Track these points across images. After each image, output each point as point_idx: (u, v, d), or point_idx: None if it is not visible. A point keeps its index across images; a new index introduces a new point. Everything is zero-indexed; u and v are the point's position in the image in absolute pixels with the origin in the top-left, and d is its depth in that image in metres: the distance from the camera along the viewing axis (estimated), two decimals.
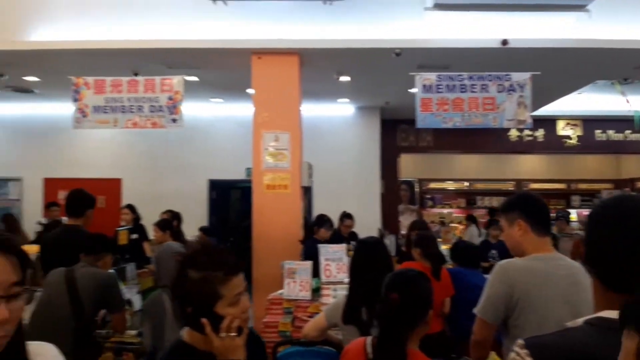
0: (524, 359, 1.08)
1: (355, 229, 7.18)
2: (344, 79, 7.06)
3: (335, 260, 4.49)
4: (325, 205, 7.98)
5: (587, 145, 10.13)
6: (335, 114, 9.32)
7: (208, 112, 9.33)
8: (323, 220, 5.91)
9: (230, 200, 11.35)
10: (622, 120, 9.43)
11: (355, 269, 2.78)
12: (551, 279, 2.15)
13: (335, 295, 4.16)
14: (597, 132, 10.06)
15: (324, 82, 7.15)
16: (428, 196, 12.84)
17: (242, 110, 8.47)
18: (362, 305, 2.54)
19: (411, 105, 5.75)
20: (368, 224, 8.44)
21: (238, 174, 9.23)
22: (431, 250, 3.92)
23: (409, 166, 11.62)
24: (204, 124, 9.30)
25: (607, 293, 1.10)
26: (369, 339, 1.92)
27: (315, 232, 5.81)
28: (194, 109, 8.28)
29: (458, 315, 3.90)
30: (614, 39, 5.36)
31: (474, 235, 8.50)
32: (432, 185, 12.90)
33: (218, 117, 9.51)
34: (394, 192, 10.10)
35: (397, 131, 9.95)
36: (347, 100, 8.80)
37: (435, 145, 10.04)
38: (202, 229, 8.73)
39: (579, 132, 10.08)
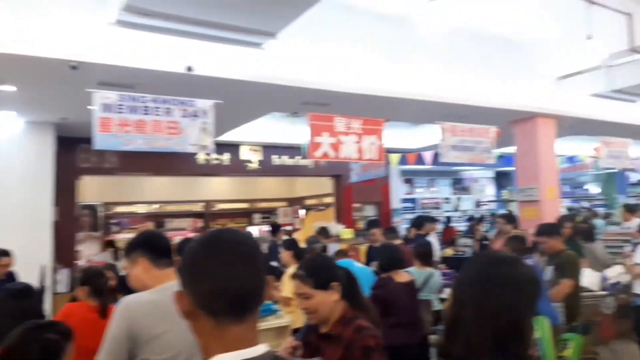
0: None
1: (21, 266, 6.10)
2: (8, 88, 5.95)
3: None
4: None
5: (266, 169, 11.14)
6: None
7: None
8: None
9: None
10: (293, 148, 10.73)
11: None
12: (167, 310, 1.90)
13: None
14: (274, 157, 11.19)
15: None
16: (115, 221, 12.02)
17: None
18: None
19: (92, 123, 5.20)
20: (39, 259, 7.29)
21: None
22: (100, 286, 3.49)
23: (93, 190, 10.65)
24: None
25: (221, 328, 1.09)
26: None
27: None
28: None
29: None
30: (285, 77, 5.98)
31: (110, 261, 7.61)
32: (119, 209, 12.15)
33: None
34: (73, 219, 9.00)
35: (76, 151, 8.95)
36: (13, 113, 7.45)
37: (121, 167, 9.40)
38: None
39: (259, 156, 11.01)
